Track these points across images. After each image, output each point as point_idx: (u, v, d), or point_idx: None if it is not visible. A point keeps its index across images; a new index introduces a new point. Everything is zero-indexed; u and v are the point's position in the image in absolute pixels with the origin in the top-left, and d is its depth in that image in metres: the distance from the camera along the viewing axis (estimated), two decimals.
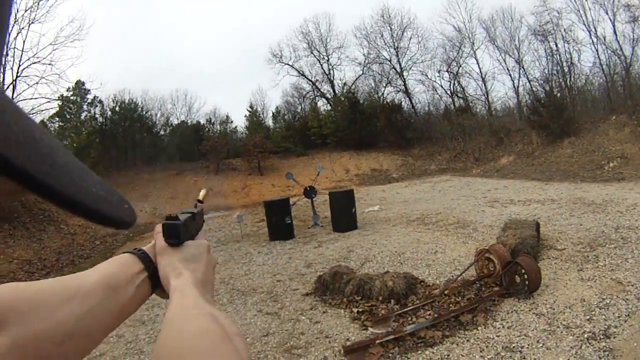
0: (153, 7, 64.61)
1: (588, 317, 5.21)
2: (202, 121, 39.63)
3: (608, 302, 5.56)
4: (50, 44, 25.11)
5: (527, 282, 5.90)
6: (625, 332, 4.81)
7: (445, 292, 6.30)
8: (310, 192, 13.82)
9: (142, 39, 60.62)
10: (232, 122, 42.11)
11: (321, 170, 16.08)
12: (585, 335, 4.82)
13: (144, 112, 36.15)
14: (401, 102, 39.10)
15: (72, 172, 0.40)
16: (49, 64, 24.66)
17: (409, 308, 6.06)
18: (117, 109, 33.95)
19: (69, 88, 29.87)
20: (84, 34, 23.91)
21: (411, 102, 40.20)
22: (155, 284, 0.89)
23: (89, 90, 32.24)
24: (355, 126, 34.02)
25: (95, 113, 33.48)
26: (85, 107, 32.89)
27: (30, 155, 0.34)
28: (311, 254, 10.28)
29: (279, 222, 12.48)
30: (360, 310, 6.26)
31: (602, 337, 4.77)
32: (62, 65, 38.10)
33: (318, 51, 42.43)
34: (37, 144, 0.36)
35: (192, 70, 58.92)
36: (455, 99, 38.96)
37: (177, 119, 39.33)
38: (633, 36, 27.61)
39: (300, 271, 8.90)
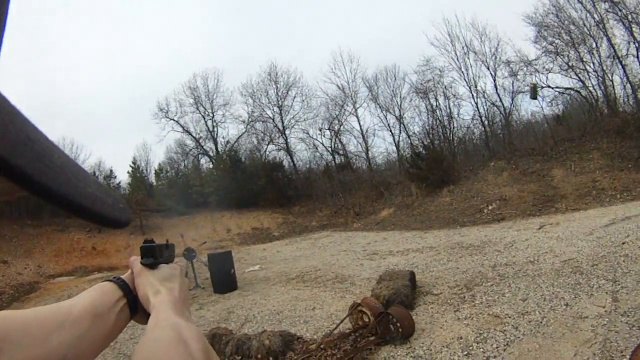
0: (47, 41, 61.53)
1: (466, 352, 5.38)
2: None
3: (485, 335, 5.77)
4: None
5: (400, 329, 6.08)
6: None
7: (322, 346, 6.37)
8: (189, 254, 13.54)
9: (34, 75, 57.41)
10: (115, 177, 40.29)
11: (183, 237, 16.62)
12: None
13: None
14: (282, 160, 39.65)
15: (68, 172, 0.41)
16: None
17: None
18: None
19: None
20: None
21: (292, 160, 40.78)
22: (134, 311, 0.93)
23: None
24: (237, 185, 33.94)
25: None
26: None
27: (27, 155, 0.35)
28: (192, 316, 9.78)
29: None
30: None
31: None
32: None
33: (204, 107, 42.17)
34: (33, 144, 0.37)
35: (82, 112, 55.94)
36: (336, 156, 40.10)
37: None
38: (513, 88, 30.56)
39: None
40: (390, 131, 37.37)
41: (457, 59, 32.63)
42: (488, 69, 31.48)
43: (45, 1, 61.04)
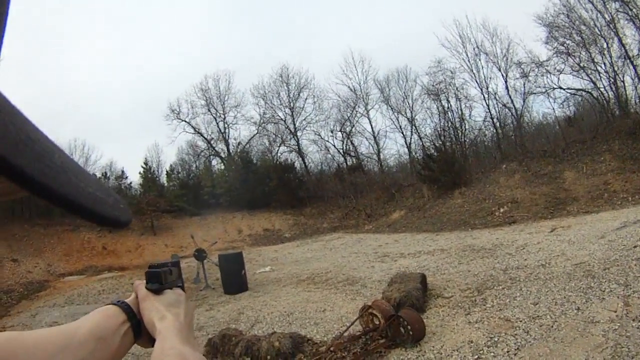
0: (58, 44, 61.70)
1: (476, 356, 5.37)
2: (98, 174, 37.49)
3: (496, 340, 5.75)
4: None
5: (410, 332, 6.08)
6: None
7: (332, 348, 6.37)
8: (200, 255, 13.59)
9: (46, 76, 57.59)
10: (127, 177, 40.18)
11: (195, 237, 16.83)
12: None
13: None
14: (294, 161, 39.68)
15: (68, 171, 0.42)
16: None
17: None
18: None
19: None
20: None
21: (304, 162, 40.92)
22: (138, 334, 0.94)
23: None
24: (248, 186, 33.99)
25: None
26: None
27: (27, 155, 0.35)
28: (202, 317, 9.99)
29: None
30: None
31: None
32: None
33: (215, 109, 42.56)
34: (34, 144, 0.37)
35: (94, 112, 56.01)
36: (348, 158, 40.07)
37: None
38: (524, 90, 30.42)
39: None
40: (402, 133, 37.41)
41: (468, 60, 32.59)
42: (499, 70, 31.38)
43: (49, 2, 61.34)
